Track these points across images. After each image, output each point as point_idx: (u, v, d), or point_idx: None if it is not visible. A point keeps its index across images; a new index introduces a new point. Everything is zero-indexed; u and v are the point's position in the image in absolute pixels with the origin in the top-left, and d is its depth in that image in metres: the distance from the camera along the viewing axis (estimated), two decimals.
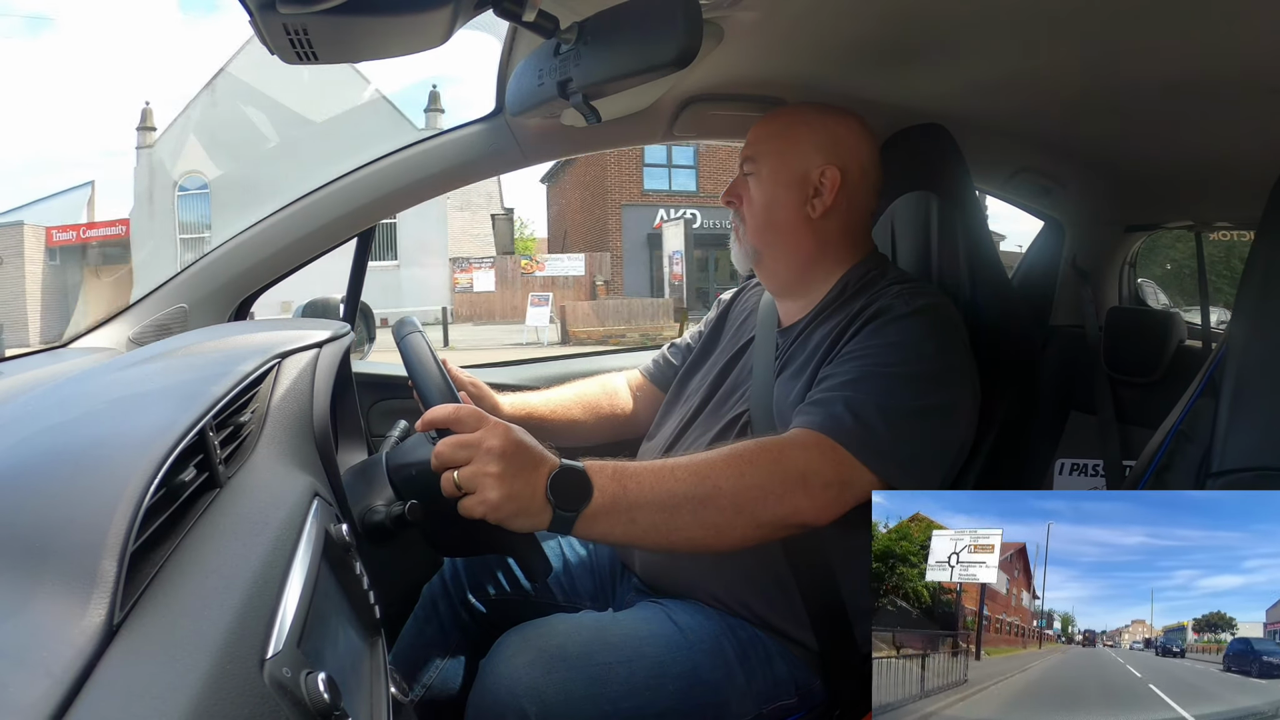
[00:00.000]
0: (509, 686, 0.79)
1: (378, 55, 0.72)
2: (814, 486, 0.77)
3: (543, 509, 0.70)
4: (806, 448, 0.79)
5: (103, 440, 0.44)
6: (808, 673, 0.91)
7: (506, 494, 0.69)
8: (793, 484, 0.76)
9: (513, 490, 0.69)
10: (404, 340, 0.85)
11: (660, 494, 0.74)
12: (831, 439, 0.79)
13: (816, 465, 0.78)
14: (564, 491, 0.71)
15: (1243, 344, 0.82)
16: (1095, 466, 1.62)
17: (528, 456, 0.71)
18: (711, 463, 0.76)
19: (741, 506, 0.75)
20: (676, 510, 0.74)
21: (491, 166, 1.25)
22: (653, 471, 0.75)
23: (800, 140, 0.98)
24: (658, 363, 1.23)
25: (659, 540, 0.75)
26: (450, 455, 0.70)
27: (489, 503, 0.69)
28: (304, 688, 0.37)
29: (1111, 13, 0.86)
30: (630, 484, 0.74)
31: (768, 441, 0.80)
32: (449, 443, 0.70)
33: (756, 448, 0.79)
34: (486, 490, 0.69)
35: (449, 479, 0.70)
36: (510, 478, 0.69)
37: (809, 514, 0.77)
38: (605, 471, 0.74)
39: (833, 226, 0.99)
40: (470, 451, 0.70)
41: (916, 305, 0.88)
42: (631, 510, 0.73)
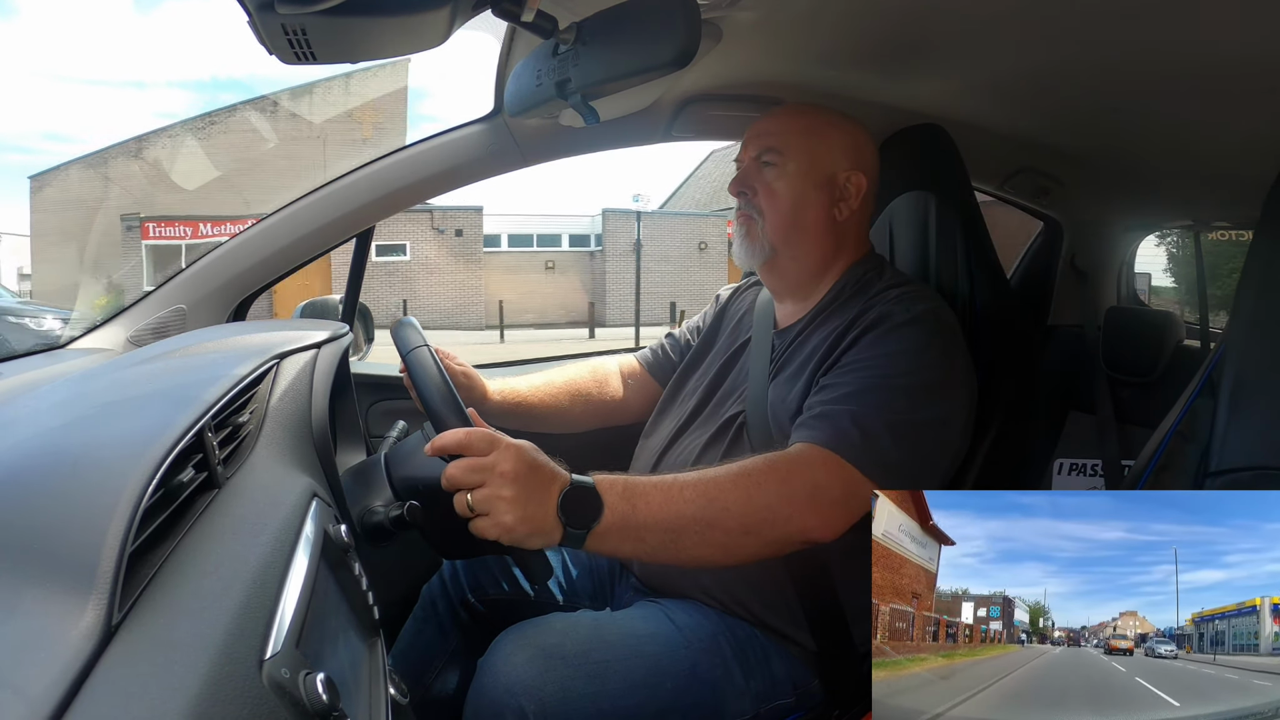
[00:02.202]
0: (507, 685, 0.79)
1: (376, 55, 0.72)
2: (822, 504, 0.77)
3: (554, 528, 0.71)
4: (813, 465, 0.79)
5: (101, 441, 0.44)
6: (805, 672, 0.91)
7: (521, 517, 0.69)
8: (801, 504, 0.77)
9: (527, 513, 0.70)
10: (410, 355, 0.84)
11: (669, 515, 0.74)
12: (839, 456, 0.79)
13: (824, 483, 0.78)
14: (575, 511, 0.72)
15: (1241, 343, 0.82)
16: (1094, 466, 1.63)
17: (539, 476, 0.71)
18: (719, 484, 0.77)
19: (749, 528, 0.76)
20: (684, 531, 0.75)
21: (490, 167, 1.25)
22: (662, 491, 0.76)
23: (831, 142, 0.98)
24: (656, 353, 1.23)
25: (667, 558, 0.76)
26: (462, 478, 0.70)
27: (503, 525, 0.69)
28: (303, 688, 0.37)
29: (1109, 13, 0.86)
30: (640, 503, 0.74)
31: (776, 459, 0.80)
32: (461, 465, 0.70)
33: (765, 466, 0.79)
34: (501, 514, 0.69)
35: (462, 500, 0.70)
36: (524, 501, 0.69)
37: (817, 532, 0.78)
38: (615, 489, 0.74)
39: (849, 232, 0.99)
40: (483, 475, 0.70)
41: (915, 312, 0.88)
42: (640, 530, 0.74)
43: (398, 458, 0.81)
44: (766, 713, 0.89)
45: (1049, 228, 1.76)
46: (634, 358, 1.25)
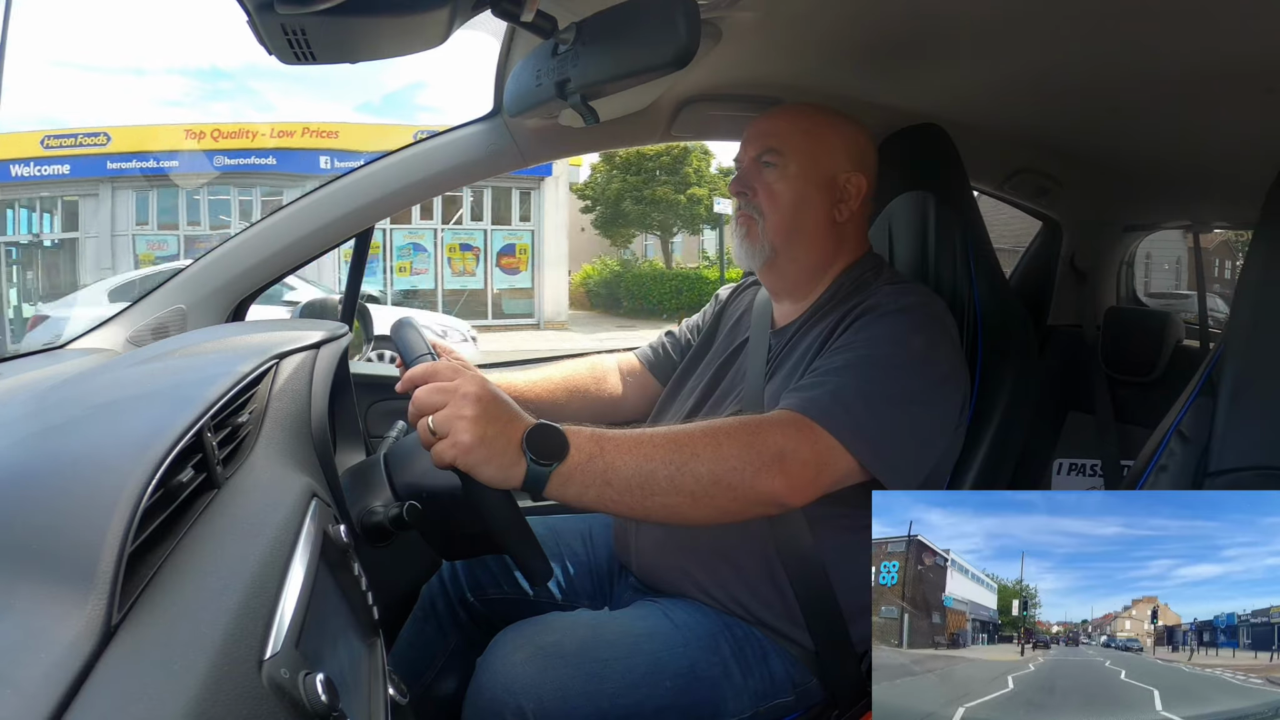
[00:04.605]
0: (506, 684, 0.79)
1: (376, 56, 0.72)
2: (791, 465, 0.76)
3: (516, 460, 0.69)
4: (785, 426, 0.78)
5: (101, 441, 0.44)
6: (804, 672, 0.91)
7: (479, 437, 0.67)
8: (770, 461, 0.75)
9: (486, 434, 0.67)
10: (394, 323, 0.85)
11: (638, 458, 0.73)
12: (810, 419, 0.79)
13: (794, 444, 0.77)
14: (540, 445, 0.70)
15: (1241, 343, 0.82)
16: (1094, 466, 1.63)
17: (504, 408, 0.70)
18: (690, 434, 0.76)
19: (718, 477, 0.74)
20: (653, 476, 0.73)
21: (490, 166, 1.25)
22: (631, 437, 0.74)
23: (831, 143, 0.98)
24: (656, 351, 1.23)
25: (634, 505, 0.74)
26: (426, 400, 0.69)
27: (461, 445, 0.67)
28: (302, 689, 0.37)
29: (1108, 13, 0.86)
30: (608, 445, 0.73)
31: (748, 418, 0.80)
32: (425, 389, 0.70)
33: (736, 423, 0.78)
34: (459, 433, 0.67)
35: (424, 425, 0.69)
36: (485, 422, 0.68)
37: (785, 492, 0.76)
38: (583, 433, 0.73)
39: (848, 232, 0.99)
40: (445, 396, 0.69)
41: (904, 303, 0.88)
42: (607, 472, 0.72)
43: (397, 458, 0.81)
44: (765, 711, 0.89)
45: (1049, 228, 1.76)
46: (634, 355, 1.25)
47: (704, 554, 0.92)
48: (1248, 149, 1.23)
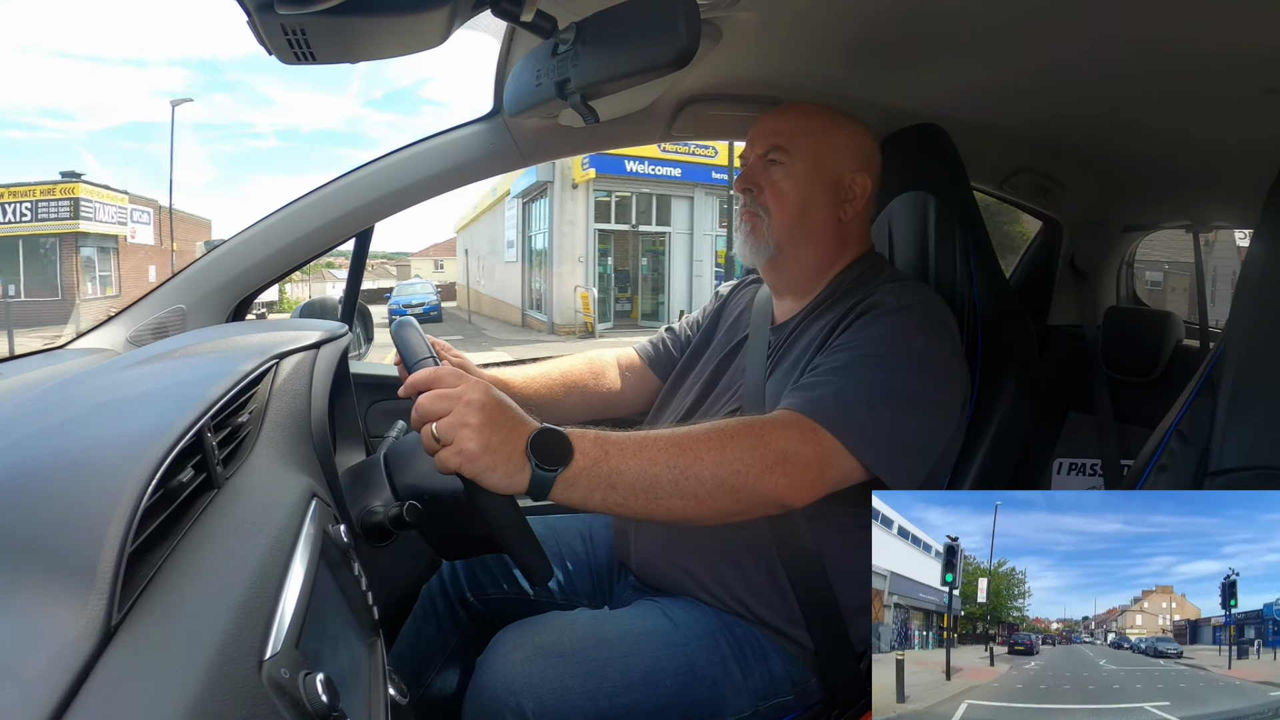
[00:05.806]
0: (505, 683, 0.79)
1: (375, 55, 0.72)
2: (793, 466, 0.76)
3: (521, 466, 0.69)
4: (788, 427, 0.78)
5: (100, 441, 0.44)
6: (804, 671, 0.91)
7: (484, 445, 0.67)
8: (772, 462, 0.76)
9: (491, 442, 0.67)
10: (395, 324, 0.85)
11: (642, 462, 0.73)
12: (813, 420, 0.79)
13: (797, 445, 0.77)
14: (544, 450, 0.70)
15: (1241, 343, 0.82)
16: (1094, 466, 1.63)
17: (509, 414, 0.70)
18: (693, 436, 0.76)
19: (722, 479, 0.74)
20: (657, 479, 0.73)
21: (490, 166, 1.25)
22: (635, 440, 0.74)
23: (838, 143, 0.98)
24: (656, 346, 1.23)
25: (638, 508, 0.74)
26: (430, 407, 0.69)
27: (466, 453, 0.67)
28: (302, 689, 0.37)
29: (1109, 13, 0.86)
30: (612, 449, 0.72)
31: (751, 420, 0.80)
32: (429, 396, 0.69)
33: (739, 424, 0.78)
34: (464, 441, 0.67)
35: (428, 432, 0.68)
36: (489, 430, 0.67)
37: (788, 493, 0.76)
38: (587, 437, 0.73)
39: (852, 231, 1.00)
40: (449, 403, 0.68)
41: (906, 301, 0.88)
42: (611, 476, 0.72)
43: (397, 458, 0.81)
44: (765, 710, 0.89)
45: (1048, 228, 1.76)
46: (633, 350, 1.25)
47: (704, 553, 0.93)
48: (1248, 149, 1.23)
